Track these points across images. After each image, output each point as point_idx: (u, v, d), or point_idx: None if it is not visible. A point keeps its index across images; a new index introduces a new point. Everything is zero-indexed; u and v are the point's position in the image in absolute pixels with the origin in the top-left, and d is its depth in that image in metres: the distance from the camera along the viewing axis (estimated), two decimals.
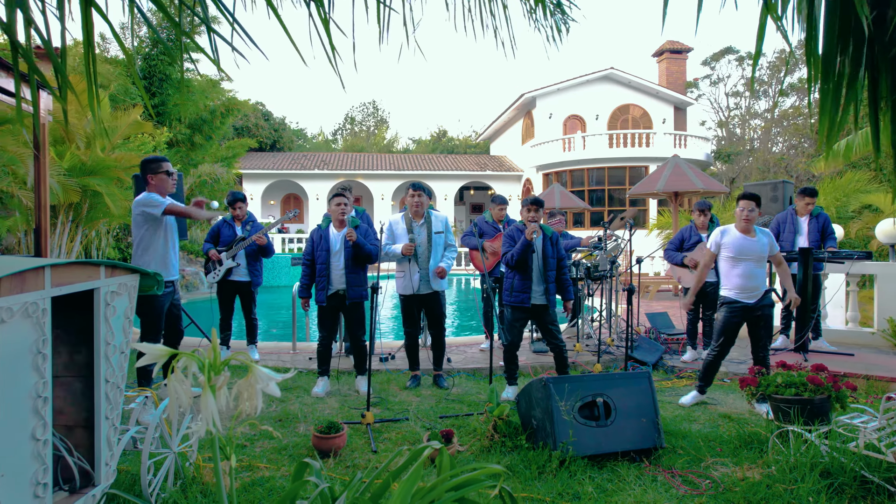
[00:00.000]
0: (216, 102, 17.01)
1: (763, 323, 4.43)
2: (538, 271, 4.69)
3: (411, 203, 5.05)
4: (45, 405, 1.92)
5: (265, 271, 15.94)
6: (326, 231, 4.84)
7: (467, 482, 1.76)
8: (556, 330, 4.72)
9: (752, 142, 32.58)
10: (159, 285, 2.62)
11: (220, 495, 1.41)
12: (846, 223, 12.98)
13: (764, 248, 4.41)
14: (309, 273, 4.88)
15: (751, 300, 4.38)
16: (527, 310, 4.70)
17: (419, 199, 5.02)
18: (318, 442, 3.45)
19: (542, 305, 4.68)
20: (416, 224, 5.07)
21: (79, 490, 2.22)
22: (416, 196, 5.02)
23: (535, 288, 4.68)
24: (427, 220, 5.07)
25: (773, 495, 2.83)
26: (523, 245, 4.57)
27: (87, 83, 1.32)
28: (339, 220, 4.81)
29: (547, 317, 4.70)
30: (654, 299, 11.47)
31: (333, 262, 4.75)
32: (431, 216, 5.11)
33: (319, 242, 4.80)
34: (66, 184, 7.98)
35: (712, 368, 4.58)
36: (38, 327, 1.90)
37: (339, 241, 4.78)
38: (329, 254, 4.76)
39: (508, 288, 4.77)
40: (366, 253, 4.70)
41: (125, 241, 12.27)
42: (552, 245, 4.73)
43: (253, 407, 1.34)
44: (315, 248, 4.82)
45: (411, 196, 5.03)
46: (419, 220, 5.07)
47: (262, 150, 29.72)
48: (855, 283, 7.04)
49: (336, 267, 4.75)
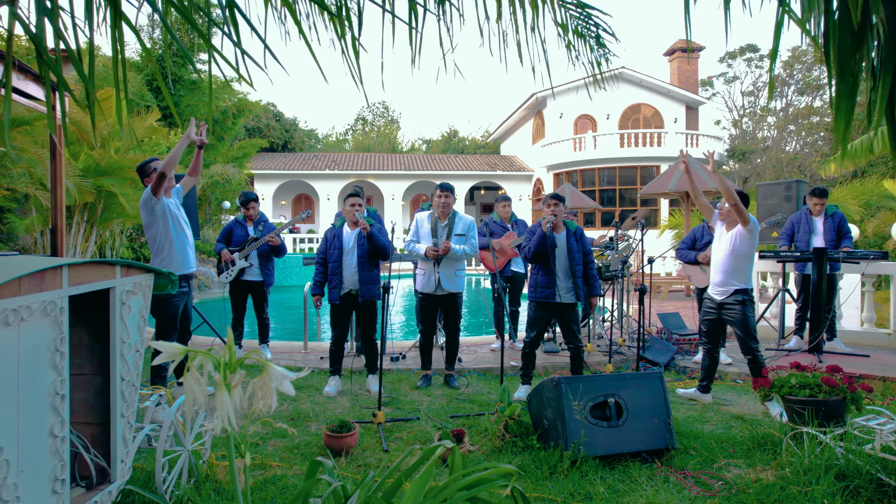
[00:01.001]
0: (228, 103, 17.14)
1: (732, 321, 4.41)
2: (564, 267, 4.66)
3: (437, 203, 5.04)
4: (62, 402, 1.95)
5: (277, 271, 16.08)
6: (340, 230, 4.86)
7: (479, 481, 1.76)
8: (577, 330, 4.70)
9: (765, 140, 32.27)
10: (174, 285, 2.65)
11: (235, 492, 1.42)
12: (861, 223, 12.83)
13: (734, 239, 4.37)
14: (322, 271, 4.91)
15: (719, 296, 4.46)
16: (551, 307, 4.68)
17: (446, 200, 5.01)
18: (329, 441, 3.47)
19: (569, 304, 4.66)
20: (441, 225, 5.07)
21: (95, 486, 2.25)
22: (442, 197, 5.00)
23: (561, 284, 4.64)
24: (451, 221, 5.06)
25: (787, 497, 2.81)
26: (540, 238, 4.59)
27: (115, 93, 1.35)
28: (353, 221, 4.83)
29: (572, 315, 4.68)
30: (666, 299, 11.40)
31: (346, 260, 4.77)
32: (456, 218, 5.09)
33: (333, 241, 4.83)
34: (81, 184, 8.08)
35: (705, 365, 4.68)
36: (57, 326, 1.93)
37: (352, 239, 4.80)
38: (342, 252, 4.78)
39: (533, 284, 4.77)
40: (380, 246, 4.70)
41: (139, 241, 12.40)
42: (577, 240, 4.71)
43: (267, 405, 1.35)
44: (328, 247, 4.85)
45: (438, 196, 5.02)
46: (444, 221, 5.07)
47: (274, 150, 29.90)
48: (871, 283, 6.96)
49: (349, 266, 4.77)
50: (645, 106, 23.98)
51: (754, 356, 4.41)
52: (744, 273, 4.39)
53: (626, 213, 20.17)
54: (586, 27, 2.46)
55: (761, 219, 7.65)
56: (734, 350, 6.10)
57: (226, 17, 1.21)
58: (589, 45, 2.51)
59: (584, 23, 2.46)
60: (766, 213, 7.63)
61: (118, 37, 1.15)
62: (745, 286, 4.38)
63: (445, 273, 5.00)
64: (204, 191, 16.32)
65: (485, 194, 28.52)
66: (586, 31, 2.48)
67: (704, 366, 4.70)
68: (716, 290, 4.52)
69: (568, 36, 2.42)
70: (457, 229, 5.04)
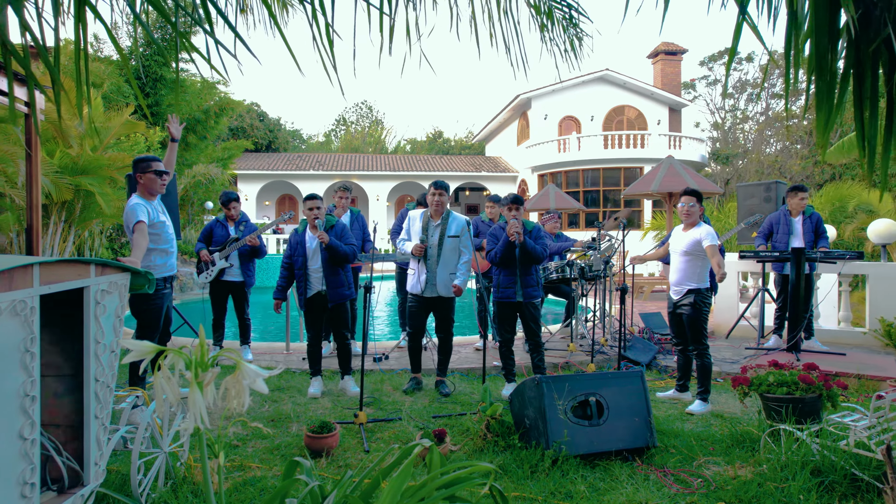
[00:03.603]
0: (210, 102, 16.97)
1: (684, 319, 4.50)
2: (524, 267, 4.75)
3: (431, 202, 4.87)
4: (32, 404, 1.91)
5: (259, 272, 15.92)
6: (303, 236, 4.79)
7: (458, 480, 1.76)
8: (536, 328, 4.81)
9: (746, 143, 32.72)
10: (151, 284, 2.61)
11: (208, 493, 1.40)
12: (839, 225, 13.04)
13: (690, 245, 4.45)
14: (286, 276, 4.88)
15: (675, 295, 4.58)
16: (513, 305, 4.79)
17: (440, 199, 4.83)
18: (310, 442, 3.44)
19: (528, 302, 4.78)
20: (433, 224, 4.89)
21: (67, 490, 2.21)
22: (436, 195, 4.83)
23: (521, 284, 4.77)
24: (444, 221, 4.87)
25: (764, 494, 2.84)
26: (505, 243, 4.68)
27: (76, 83, 1.32)
28: (313, 225, 4.70)
29: (527, 313, 4.79)
30: (648, 299, 11.50)
31: (310, 265, 4.73)
32: (450, 218, 4.91)
33: (296, 248, 4.78)
34: (58, 183, 7.93)
35: (680, 364, 4.79)
36: (27, 325, 1.89)
37: (314, 243, 4.74)
38: (306, 258, 4.73)
39: (496, 284, 4.85)
40: (342, 254, 4.65)
41: (119, 241, 12.21)
42: (533, 239, 4.76)
43: (240, 404, 1.33)
44: (293, 253, 4.79)
45: (432, 195, 4.86)
46: (436, 220, 4.89)
47: (258, 150, 29.66)
48: (847, 283, 7.08)
49: (314, 270, 4.74)
50: (628, 108, 24.18)
51: (699, 353, 4.48)
52: (699, 273, 4.46)
53: (610, 215, 20.33)
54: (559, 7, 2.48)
55: (741, 219, 7.75)
56: (714, 350, 6.17)
57: (195, 4, 1.19)
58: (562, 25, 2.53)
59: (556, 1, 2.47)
60: (746, 214, 7.73)
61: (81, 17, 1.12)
62: (700, 286, 4.45)
63: (442, 275, 4.84)
64: (186, 191, 16.13)
65: (469, 195, 28.56)
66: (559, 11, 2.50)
67: (680, 365, 4.79)
68: (673, 290, 4.63)
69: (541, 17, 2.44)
70: (451, 230, 4.85)
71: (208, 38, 1.31)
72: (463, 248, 4.89)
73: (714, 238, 4.40)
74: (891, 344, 6.51)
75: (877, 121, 1.40)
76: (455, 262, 4.89)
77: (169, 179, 4.32)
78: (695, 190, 4.58)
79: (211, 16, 1.40)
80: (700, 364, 4.48)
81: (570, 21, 2.54)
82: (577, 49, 2.63)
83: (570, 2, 2.44)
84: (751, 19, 1.35)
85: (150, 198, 4.20)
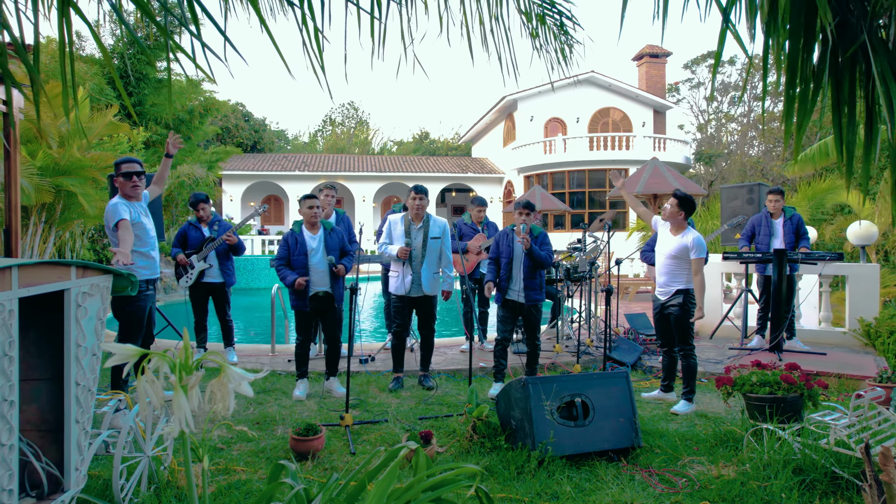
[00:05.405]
0: (195, 102, 16.81)
1: (672, 319, 4.55)
2: (527, 270, 4.83)
3: (412, 206, 5.00)
4: (11, 409, 1.87)
5: (244, 273, 15.82)
6: (301, 235, 4.76)
7: (444, 482, 1.76)
8: (536, 331, 4.90)
9: (729, 145, 33.11)
10: (133, 286, 2.58)
11: (192, 498, 1.39)
12: (819, 225, 13.22)
13: (677, 249, 4.46)
14: (288, 267, 4.74)
15: (662, 296, 4.62)
16: (516, 306, 4.89)
17: (420, 203, 4.98)
18: (295, 444, 3.42)
19: (530, 304, 4.86)
20: (415, 227, 5.02)
21: (47, 496, 2.17)
22: (416, 199, 4.97)
23: (519, 285, 4.84)
24: (425, 224, 5.02)
25: (747, 492, 2.88)
26: (511, 255, 4.87)
27: (62, 84, 1.30)
28: (312, 223, 4.75)
29: (530, 316, 4.88)
30: (634, 300, 11.60)
31: (312, 263, 4.71)
32: (430, 221, 5.07)
33: (296, 247, 4.73)
34: (38, 184, 7.80)
35: (664, 365, 4.84)
36: (5, 329, 1.86)
37: (315, 241, 4.73)
38: (307, 257, 4.70)
39: (500, 285, 4.97)
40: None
41: (100, 242, 12.04)
42: (538, 245, 4.86)
43: (225, 407, 1.32)
44: (292, 253, 4.72)
45: (412, 199, 4.99)
46: (417, 224, 5.02)
47: (243, 151, 29.43)
48: (828, 283, 7.19)
49: (316, 269, 4.72)
50: (614, 110, 24.37)
51: (685, 354, 4.53)
52: (687, 275, 4.49)
53: (596, 216, 20.46)
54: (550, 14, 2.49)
55: (724, 221, 7.84)
56: (698, 350, 6.23)
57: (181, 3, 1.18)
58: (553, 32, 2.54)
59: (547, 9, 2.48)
60: (729, 215, 7.82)
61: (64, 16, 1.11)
62: (688, 286, 4.48)
63: (427, 275, 4.98)
64: (171, 192, 15.95)
65: (456, 196, 28.57)
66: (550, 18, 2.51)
67: (664, 366, 4.83)
68: (659, 291, 4.66)
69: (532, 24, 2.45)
70: (433, 232, 5.02)
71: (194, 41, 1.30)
72: (444, 249, 5.07)
73: (702, 251, 4.41)
74: (870, 343, 6.62)
75: (854, 126, 1.42)
76: (437, 262, 5.04)
77: (143, 183, 4.27)
78: (687, 197, 4.49)
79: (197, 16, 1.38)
80: (686, 364, 4.52)
81: (560, 28, 2.55)
82: (568, 56, 2.65)
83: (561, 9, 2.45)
84: (734, 27, 1.37)
85: (131, 199, 4.15)
